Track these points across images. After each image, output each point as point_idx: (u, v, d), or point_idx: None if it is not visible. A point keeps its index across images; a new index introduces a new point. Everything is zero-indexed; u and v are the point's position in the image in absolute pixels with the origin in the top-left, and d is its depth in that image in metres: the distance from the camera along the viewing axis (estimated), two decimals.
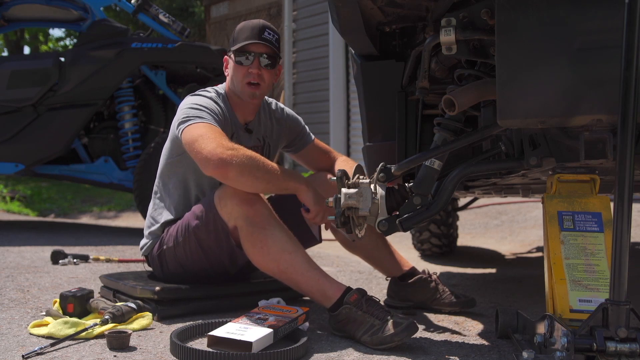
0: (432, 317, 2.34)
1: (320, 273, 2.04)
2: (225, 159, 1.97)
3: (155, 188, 2.41)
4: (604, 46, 1.57)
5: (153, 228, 2.35)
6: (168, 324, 2.10)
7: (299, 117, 2.57)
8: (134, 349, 1.82)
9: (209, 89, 2.35)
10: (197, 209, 2.22)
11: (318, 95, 8.77)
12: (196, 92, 2.32)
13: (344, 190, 1.90)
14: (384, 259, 2.50)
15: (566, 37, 1.59)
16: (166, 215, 2.32)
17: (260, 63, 2.25)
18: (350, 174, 1.97)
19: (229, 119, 2.27)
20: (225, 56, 2.34)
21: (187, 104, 2.23)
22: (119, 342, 1.81)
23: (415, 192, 1.91)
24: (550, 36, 1.60)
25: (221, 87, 2.36)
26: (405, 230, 1.91)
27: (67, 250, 3.48)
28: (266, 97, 2.47)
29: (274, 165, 2.08)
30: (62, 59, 4.54)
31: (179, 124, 2.17)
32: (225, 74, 2.35)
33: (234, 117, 2.31)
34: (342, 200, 1.89)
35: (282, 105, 2.53)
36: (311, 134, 2.59)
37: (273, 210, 2.11)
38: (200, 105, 2.19)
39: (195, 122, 2.12)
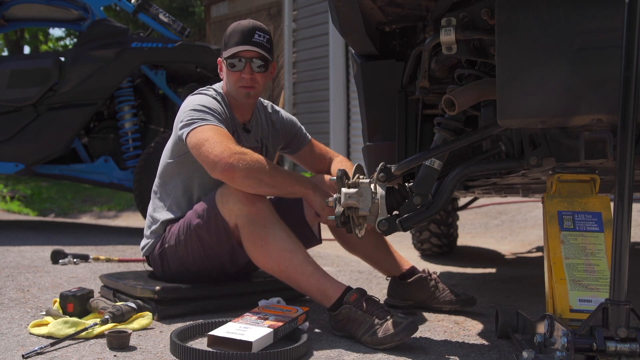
0: (432, 316, 2.34)
1: (320, 272, 2.05)
2: (232, 162, 1.99)
3: (155, 187, 2.41)
4: (604, 46, 1.57)
5: (154, 227, 2.35)
6: (168, 323, 2.10)
7: (295, 119, 2.59)
8: (134, 348, 1.82)
9: (207, 87, 2.35)
10: (199, 207, 2.22)
11: (318, 95, 8.77)
12: (196, 92, 2.32)
13: (344, 190, 1.90)
14: (383, 258, 2.50)
15: (566, 37, 1.59)
16: (167, 214, 2.32)
17: (252, 68, 2.25)
18: (350, 173, 1.98)
19: (229, 118, 2.28)
20: (219, 59, 2.35)
21: (190, 104, 2.22)
22: (119, 341, 1.81)
23: (415, 192, 1.91)
24: (550, 36, 1.60)
25: (219, 87, 2.37)
26: (405, 230, 1.91)
27: (67, 250, 3.48)
28: (262, 99, 2.51)
29: (280, 169, 2.09)
30: (62, 59, 4.55)
31: (183, 127, 2.17)
32: (221, 76, 2.37)
33: (233, 117, 2.32)
34: (342, 200, 1.89)
35: (277, 108, 2.55)
36: (307, 134, 2.60)
37: (274, 209, 2.11)
38: (204, 106, 2.19)
39: (200, 125, 2.12)
